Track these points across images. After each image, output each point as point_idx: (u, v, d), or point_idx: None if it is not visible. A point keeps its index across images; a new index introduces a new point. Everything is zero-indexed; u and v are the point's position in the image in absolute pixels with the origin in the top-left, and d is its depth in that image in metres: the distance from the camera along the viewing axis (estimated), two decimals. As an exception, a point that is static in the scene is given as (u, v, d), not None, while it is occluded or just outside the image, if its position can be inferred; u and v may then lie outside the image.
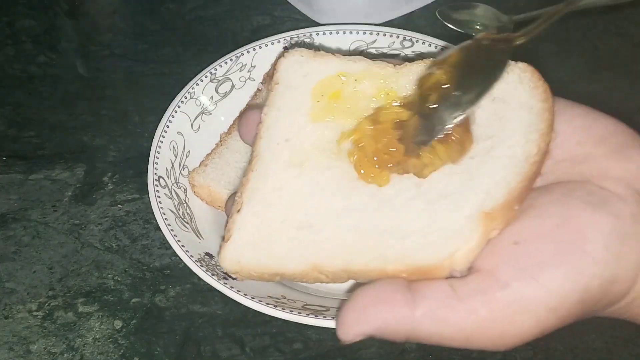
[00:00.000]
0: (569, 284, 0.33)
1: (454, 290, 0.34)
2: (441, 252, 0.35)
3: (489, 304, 0.34)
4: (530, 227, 0.35)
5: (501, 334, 0.34)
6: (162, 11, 0.89)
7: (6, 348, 0.60)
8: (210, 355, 0.60)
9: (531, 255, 0.34)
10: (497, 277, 0.34)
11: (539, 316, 0.34)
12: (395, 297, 0.34)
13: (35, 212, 0.70)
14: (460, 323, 0.34)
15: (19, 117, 0.78)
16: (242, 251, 0.37)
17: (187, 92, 0.69)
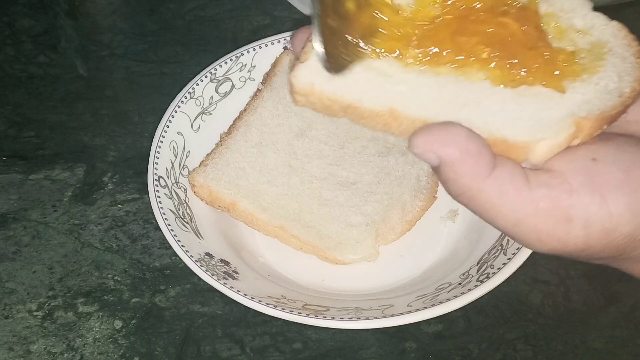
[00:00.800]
0: (629, 214, 0.35)
1: (527, 177, 0.35)
2: (529, 134, 0.35)
3: (552, 201, 0.35)
4: (609, 153, 0.36)
5: (549, 232, 0.35)
6: (162, 11, 0.89)
7: (6, 348, 0.60)
8: (210, 355, 0.60)
9: (605, 175, 0.35)
10: (568, 181, 0.35)
11: (591, 231, 0.35)
12: (484, 154, 0.34)
13: (35, 212, 0.70)
14: (519, 205, 0.35)
15: (19, 117, 0.78)
16: (319, 75, 0.36)
17: (187, 92, 0.69)
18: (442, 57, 0.38)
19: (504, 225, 0.36)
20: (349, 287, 0.61)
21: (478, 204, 0.35)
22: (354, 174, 0.66)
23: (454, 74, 0.37)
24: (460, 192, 0.35)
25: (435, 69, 0.38)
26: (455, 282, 0.56)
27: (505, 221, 0.35)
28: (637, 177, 0.35)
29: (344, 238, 0.63)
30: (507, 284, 0.54)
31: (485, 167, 0.34)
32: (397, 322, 0.53)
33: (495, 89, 0.37)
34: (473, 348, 0.60)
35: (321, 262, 0.63)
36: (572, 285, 0.63)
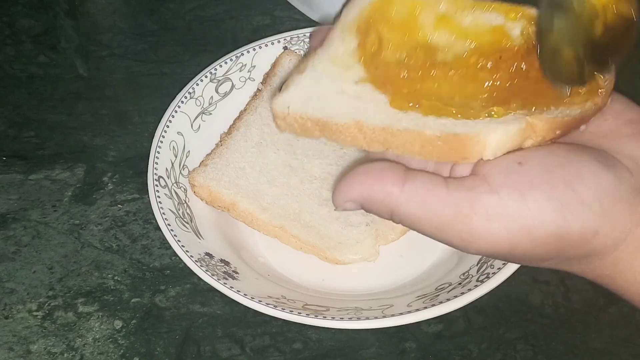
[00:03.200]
0: (550, 211, 0.35)
1: (445, 182, 0.37)
2: (480, 128, 0.37)
3: (471, 201, 0.35)
4: (537, 156, 0.36)
5: (471, 233, 0.36)
6: (162, 11, 0.89)
7: (6, 348, 0.60)
8: (210, 355, 0.60)
9: (527, 176, 0.36)
10: (489, 182, 0.36)
11: (512, 229, 0.35)
12: (387, 175, 0.37)
13: (35, 212, 0.70)
14: (439, 209, 0.36)
15: (19, 117, 0.78)
16: (294, 100, 0.41)
17: (187, 92, 0.69)
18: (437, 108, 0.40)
19: (430, 232, 0.37)
20: (349, 287, 0.61)
21: (404, 219, 0.37)
22: (354, 174, 0.66)
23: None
24: (388, 216, 0.38)
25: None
26: (455, 282, 0.56)
27: (430, 227, 0.37)
28: (560, 175, 0.35)
29: (344, 238, 0.63)
30: (507, 284, 0.54)
31: (394, 184, 0.37)
32: (397, 322, 0.53)
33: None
34: (473, 348, 0.60)
35: (321, 262, 0.63)
36: (572, 285, 0.63)
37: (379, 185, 0.37)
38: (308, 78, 0.42)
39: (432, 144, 0.37)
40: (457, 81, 0.40)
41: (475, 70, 0.41)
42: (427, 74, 0.41)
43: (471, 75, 0.41)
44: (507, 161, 0.37)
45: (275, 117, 0.42)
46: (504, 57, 0.41)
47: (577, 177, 0.35)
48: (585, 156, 0.37)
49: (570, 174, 0.35)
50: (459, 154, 0.37)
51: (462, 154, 0.37)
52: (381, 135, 0.39)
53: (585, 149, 0.38)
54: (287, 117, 0.41)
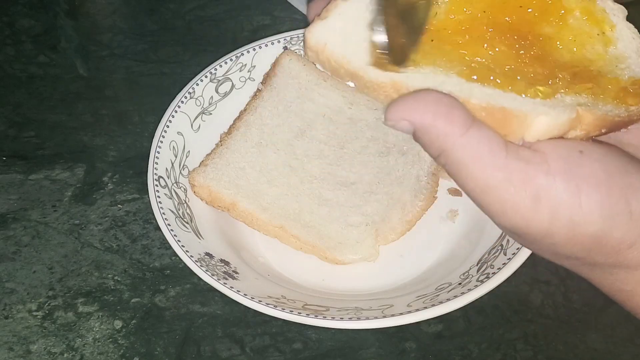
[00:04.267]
0: (600, 214, 0.34)
1: (506, 146, 0.35)
2: (529, 107, 0.35)
3: (526, 176, 0.34)
4: (598, 152, 0.36)
5: (514, 207, 0.35)
6: (162, 11, 0.89)
7: (6, 348, 0.60)
8: (210, 355, 0.60)
9: (586, 169, 0.35)
10: (548, 162, 0.35)
11: (556, 218, 0.34)
12: (456, 112, 0.34)
13: (35, 212, 0.70)
14: (491, 170, 0.34)
15: (19, 117, 0.78)
16: (334, 34, 0.37)
17: (187, 92, 0.69)
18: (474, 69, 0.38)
19: (472, 189, 0.35)
20: (349, 287, 0.61)
21: (451, 164, 0.35)
22: (354, 174, 0.66)
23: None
24: (436, 153, 0.35)
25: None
26: (455, 282, 0.56)
27: (475, 185, 0.35)
28: (617, 182, 0.35)
29: (344, 238, 0.63)
30: (507, 284, 0.54)
31: (459, 126, 0.34)
32: (397, 322, 0.53)
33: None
34: (473, 348, 0.60)
35: (321, 262, 0.63)
36: (572, 285, 0.63)
37: (444, 119, 0.34)
38: (354, 10, 0.37)
39: (474, 113, 0.35)
40: (508, 49, 0.38)
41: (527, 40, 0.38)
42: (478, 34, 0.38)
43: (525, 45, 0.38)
44: (568, 147, 0.36)
45: (307, 48, 0.37)
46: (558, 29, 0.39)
47: (631, 188, 0.35)
48: (638, 165, 0.36)
49: (626, 183, 0.35)
50: (501, 129, 0.35)
51: (504, 130, 0.35)
52: None
53: (637, 160, 0.37)
54: (320, 53, 0.37)
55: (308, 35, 0.37)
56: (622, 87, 0.38)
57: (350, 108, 0.71)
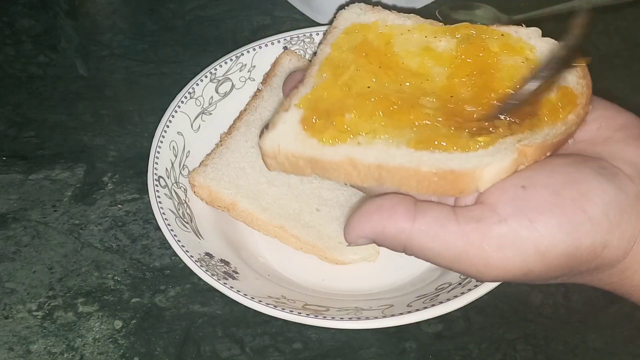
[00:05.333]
0: (561, 234, 0.35)
1: (454, 213, 0.37)
2: (474, 162, 0.37)
3: (482, 233, 0.36)
4: (541, 177, 0.37)
5: (486, 263, 0.36)
6: (162, 11, 0.89)
7: (6, 348, 0.60)
8: (210, 355, 0.60)
9: (533, 200, 0.36)
10: (497, 211, 0.36)
11: (526, 255, 0.36)
12: (398, 208, 0.37)
13: (35, 212, 0.70)
14: (451, 243, 0.37)
15: (19, 117, 0.78)
16: (283, 138, 0.41)
17: (187, 92, 0.69)
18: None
19: (445, 264, 0.38)
20: (349, 287, 0.61)
21: (417, 252, 0.38)
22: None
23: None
24: (401, 249, 0.38)
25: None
26: (455, 282, 0.56)
27: (445, 260, 0.37)
28: (568, 196, 0.36)
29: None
30: (507, 284, 0.54)
31: (405, 219, 0.37)
32: (397, 322, 0.53)
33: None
34: (473, 348, 0.60)
35: (321, 262, 0.63)
36: (572, 286, 0.63)
37: (391, 221, 0.37)
38: (294, 115, 0.41)
39: (428, 179, 0.38)
40: (443, 112, 0.40)
41: (460, 100, 0.41)
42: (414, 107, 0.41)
43: (457, 107, 0.41)
44: (512, 187, 0.37)
45: (265, 156, 0.42)
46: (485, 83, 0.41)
47: (582, 195, 0.36)
48: (587, 169, 0.37)
49: (576, 193, 0.36)
50: (455, 188, 0.38)
51: (459, 188, 0.37)
52: (376, 171, 0.39)
53: (584, 161, 0.38)
54: (277, 155, 0.41)
55: (262, 144, 0.41)
56: (553, 106, 0.40)
57: (350, 108, 0.71)
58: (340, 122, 0.40)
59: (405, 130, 0.39)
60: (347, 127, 0.40)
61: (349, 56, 0.44)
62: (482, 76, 0.41)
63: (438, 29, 0.44)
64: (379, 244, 0.39)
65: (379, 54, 0.43)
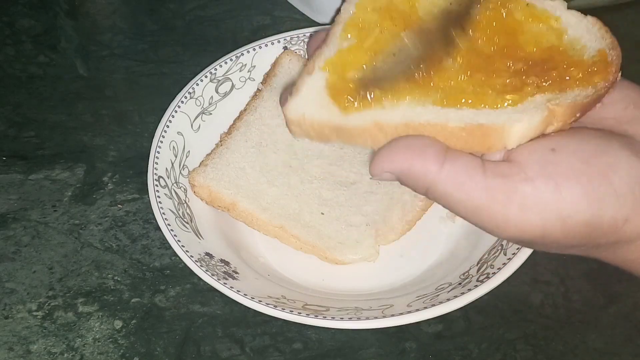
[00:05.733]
0: (585, 202, 0.35)
1: (483, 166, 0.37)
2: (503, 118, 0.37)
3: (507, 189, 0.36)
4: (571, 144, 0.37)
5: (506, 219, 0.36)
6: (162, 11, 0.89)
7: (6, 348, 0.60)
8: (210, 355, 0.60)
9: (561, 165, 0.36)
10: (525, 170, 0.36)
11: (546, 218, 0.36)
12: (428, 151, 0.37)
13: (35, 212, 0.70)
14: (475, 194, 0.36)
15: (19, 117, 0.78)
16: (308, 106, 0.40)
17: (187, 92, 0.69)
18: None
19: (464, 214, 0.38)
20: (349, 287, 0.61)
21: (439, 197, 0.38)
22: (354, 174, 0.66)
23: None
24: (423, 191, 0.38)
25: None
26: (455, 282, 0.56)
27: (465, 210, 0.37)
28: (596, 166, 0.36)
29: (344, 238, 0.63)
30: (507, 284, 0.54)
31: (434, 162, 0.37)
32: (397, 322, 0.53)
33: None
34: (473, 348, 0.60)
35: (321, 262, 0.63)
36: (572, 285, 0.63)
37: (420, 160, 0.37)
38: (319, 79, 0.41)
39: (456, 135, 0.37)
40: (470, 68, 0.40)
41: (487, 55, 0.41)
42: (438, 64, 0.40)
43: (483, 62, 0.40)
44: (541, 148, 0.37)
45: (290, 123, 0.41)
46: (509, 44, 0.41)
47: (610, 167, 0.36)
48: (616, 144, 0.37)
49: (604, 164, 0.36)
50: (483, 144, 0.37)
51: (487, 144, 0.37)
52: (403, 131, 0.38)
53: (613, 136, 0.38)
54: (302, 123, 0.40)
55: (286, 112, 0.40)
56: (586, 68, 0.40)
57: (350, 108, 0.71)
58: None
59: (430, 91, 0.39)
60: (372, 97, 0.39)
61: (374, 17, 0.43)
62: (506, 38, 0.41)
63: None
64: (403, 182, 0.39)
65: (404, 17, 0.43)
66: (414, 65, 0.40)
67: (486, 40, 0.41)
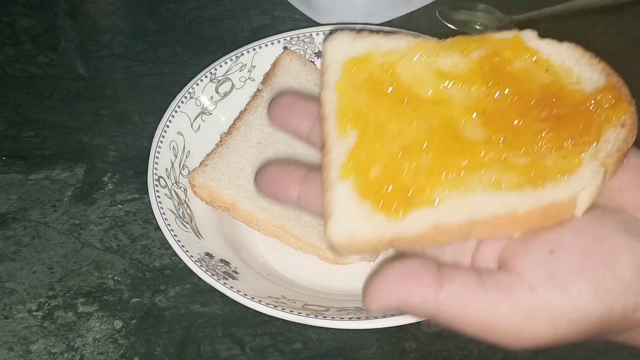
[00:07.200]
0: (595, 301, 0.34)
1: (481, 280, 0.35)
2: (570, 189, 0.35)
3: (512, 303, 0.34)
4: (567, 238, 0.35)
5: (517, 333, 0.35)
6: (162, 11, 0.89)
7: (6, 348, 0.60)
8: (210, 355, 0.60)
9: (563, 266, 0.34)
10: (526, 279, 0.34)
11: (558, 326, 0.35)
12: (423, 276, 0.35)
13: (35, 212, 0.70)
14: (481, 313, 0.35)
15: (19, 117, 0.78)
16: (350, 224, 0.35)
17: (187, 92, 0.69)
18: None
19: (473, 333, 0.36)
20: (349, 287, 0.61)
21: (444, 323, 0.36)
22: (354, 174, 0.66)
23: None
24: (426, 318, 0.36)
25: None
26: (455, 282, 0.56)
27: (473, 329, 0.35)
28: (597, 257, 0.34)
29: (344, 238, 0.63)
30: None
31: (432, 287, 0.35)
32: (397, 322, 0.53)
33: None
34: (473, 348, 0.60)
35: (321, 262, 0.63)
36: (572, 285, 0.63)
37: (416, 289, 0.35)
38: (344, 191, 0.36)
39: (527, 220, 0.35)
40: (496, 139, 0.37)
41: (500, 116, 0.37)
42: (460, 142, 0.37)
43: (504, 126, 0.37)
44: (538, 251, 0.35)
45: (337, 249, 0.35)
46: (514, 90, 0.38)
47: (612, 255, 0.34)
48: (611, 224, 0.35)
49: (605, 253, 0.34)
50: (555, 220, 0.35)
51: (558, 219, 0.35)
52: (467, 230, 0.35)
53: (606, 214, 0.36)
54: (352, 244, 0.35)
55: (332, 238, 0.35)
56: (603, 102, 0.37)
57: (350, 108, 0.71)
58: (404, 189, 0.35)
59: (473, 173, 0.36)
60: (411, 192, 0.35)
61: (361, 98, 0.39)
62: (507, 84, 0.38)
63: (436, 46, 0.40)
64: (402, 313, 0.37)
65: (393, 91, 0.39)
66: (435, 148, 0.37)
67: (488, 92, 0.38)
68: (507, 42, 0.40)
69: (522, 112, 0.37)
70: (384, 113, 0.38)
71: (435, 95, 0.39)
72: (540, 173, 0.36)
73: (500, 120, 0.37)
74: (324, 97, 0.39)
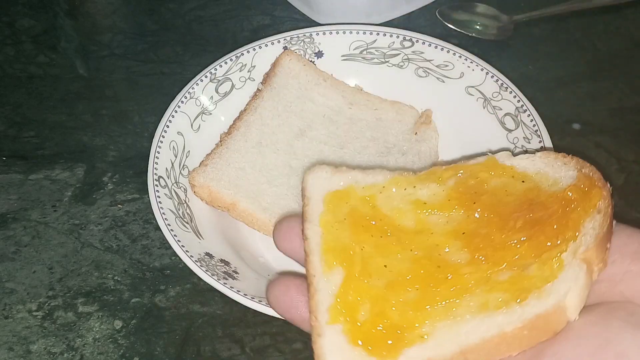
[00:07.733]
0: None
1: None
2: (554, 296, 0.34)
3: None
4: (571, 349, 0.34)
5: None
6: (162, 11, 0.89)
7: (6, 348, 0.60)
8: (210, 355, 0.60)
9: None
10: None
11: None
12: None
13: (35, 212, 0.70)
14: None
15: (19, 117, 0.78)
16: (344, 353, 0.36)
17: (187, 92, 0.69)
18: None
19: None
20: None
21: None
22: (354, 174, 0.66)
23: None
24: None
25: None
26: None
27: None
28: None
29: (344, 238, 0.63)
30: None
31: None
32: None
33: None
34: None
35: (321, 262, 0.63)
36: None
37: None
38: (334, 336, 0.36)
39: (519, 337, 0.35)
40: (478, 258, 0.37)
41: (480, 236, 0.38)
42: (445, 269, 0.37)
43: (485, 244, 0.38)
44: None
45: None
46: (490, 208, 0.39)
47: (621, 357, 0.33)
48: (615, 323, 0.34)
49: (614, 356, 0.33)
50: (548, 331, 0.35)
51: (552, 329, 0.35)
52: (460, 357, 0.35)
53: (609, 312, 0.35)
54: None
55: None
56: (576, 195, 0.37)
57: (350, 108, 0.71)
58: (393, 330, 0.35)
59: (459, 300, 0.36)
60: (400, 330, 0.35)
61: (345, 233, 0.39)
62: (482, 203, 0.39)
63: (412, 179, 0.41)
64: None
65: (376, 224, 0.40)
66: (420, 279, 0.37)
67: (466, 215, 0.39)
68: (482, 165, 0.41)
69: (499, 226, 0.38)
70: (369, 247, 0.38)
71: (416, 225, 0.40)
72: (523, 286, 0.35)
73: (480, 239, 0.38)
74: (308, 231, 0.40)
